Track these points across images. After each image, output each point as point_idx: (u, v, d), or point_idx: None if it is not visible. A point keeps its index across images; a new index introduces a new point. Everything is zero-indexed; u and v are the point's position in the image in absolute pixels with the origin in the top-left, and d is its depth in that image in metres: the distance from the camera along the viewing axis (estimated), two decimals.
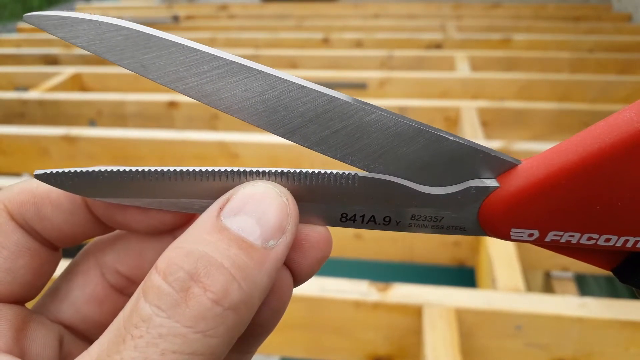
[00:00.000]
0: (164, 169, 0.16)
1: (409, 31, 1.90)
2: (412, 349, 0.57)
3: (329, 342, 0.58)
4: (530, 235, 0.15)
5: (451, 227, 0.16)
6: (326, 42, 1.73)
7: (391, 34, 1.81)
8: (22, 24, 2.07)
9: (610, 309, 0.52)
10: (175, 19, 2.13)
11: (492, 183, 0.16)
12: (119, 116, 1.19)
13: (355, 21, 2.08)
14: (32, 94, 1.23)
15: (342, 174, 0.16)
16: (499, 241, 0.57)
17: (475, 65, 1.43)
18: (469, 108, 1.07)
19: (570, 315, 0.51)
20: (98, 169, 0.16)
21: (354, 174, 0.16)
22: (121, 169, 0.16)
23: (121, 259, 0.18)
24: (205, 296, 0.13)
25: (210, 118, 1.17)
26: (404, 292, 0.55)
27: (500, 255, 0.63)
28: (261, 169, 0.16)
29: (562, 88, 1.24)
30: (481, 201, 0.16)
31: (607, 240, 0.15)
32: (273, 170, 0.16)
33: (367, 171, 0.16)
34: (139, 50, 0.15)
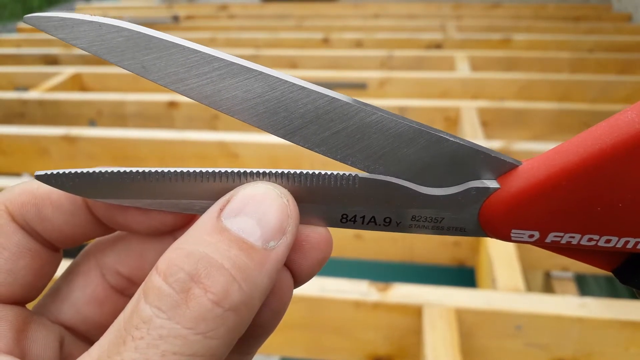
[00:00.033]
0: (165, 170, 0.16)
1: (409, 31, 1.90)
2: (412, 349, 0.57)
3: (329, 342, 0.58)
4: (531, 237, 0.15)
5: (452, 228, 0.16)
6: (326, 42, 1.73)
7: (391, 34, 1.81)
8: (22, 24, 2.07)
9: (610, 309, 0.52)
10: (175, 19, 2.13)
11: (492, 184, 0.16)
12: (119, 116, 1.19)
13: (355, 21, 2.08)
14: (32, 94, 1.23)
15: (343, 174, 0.16)
16: (499, 241, 0.57)
17: (475, 65, 1.43)
18: (469, 108, 1.07)
19: (570, 315, 0.51)
20: (99, 169, 0.16)
21: (355, 175, 0.16)
22: (122, 169, 0.16)
23: (122, 259, 0.18)
24: (205, 297, 0.13)
25: (211, 118, 1.17)
26: (404, 292, 0.55)
27: (500, 255, 0.63)
28: (262, 170, 0.16)
29: (562, 88, 1.24)
30: (482, 202, 0.16)
31: (608, 241, 0.15)
32: (273, 171, 0.16)
33: (368, 172, 0.16)
34: (139, 52, 0.15)
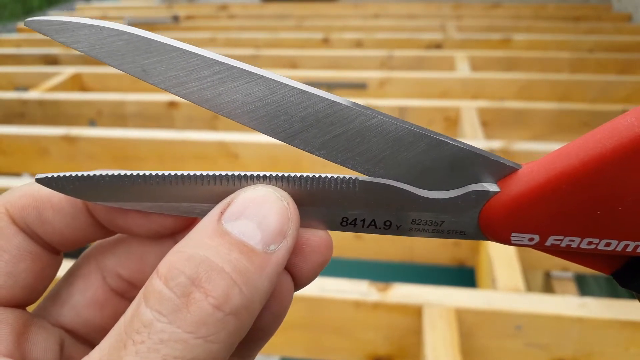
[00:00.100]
0: (165, 173, 0.16)
1: (409, 31, 1.90)
2: (412, 349, 0.57)
3: (329, 342, 0.58)
4: (531, 240, 0.15)
5: (452, 232, 0.16)
6: (326, 42, 1.73)
7: (391, 34, 1.81)
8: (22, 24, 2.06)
9: (610, 309, 0.52)
10: (175, 19, 2.13)
11: (492, 187, 0.16)
12: (119, 116, 1.19)
13: (355, 21, 2.08)
14: (32, 94, 1.23)
15: (343, 178, 0.16)
16: None
17: (475, 65, 1.43)
18: (469, 108, 1.07)
19: (570, 315, 0.51)
20: (99, 173, 0.16)
21: (355, 178, 0.16)
22: (122, 173, 0.16)
23: (122, 262, 0.18)
24: (206, 301, 0.13)
25: (211, 118, 1.17)
26: (404, 292, 0.55)
27: (500, 255, 0.63)
28: (262, 173, 0.16)
29: (562, 88, 1.24)
30: (482, 206, 0.16)
31: (608, 244, 0.15)
32: (274, 174, 0.16)
33: (368, 175, 0.16)
34: (140, 55, 0.15)
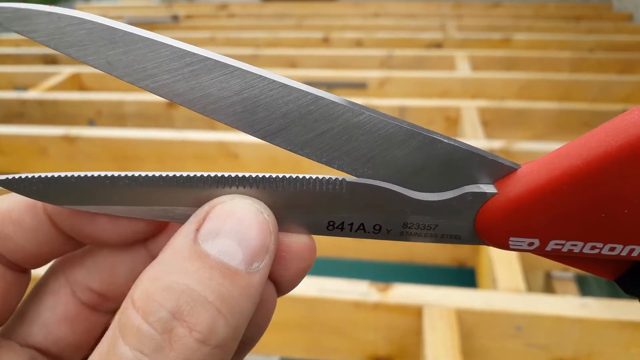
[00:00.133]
0: (135, 174, 0.15)
1: (409, 30, 1.90)
2: (412, 349, 0.57)
3: (328, 343, 0.58)
4: (530, 245, 0.15)
5: (446, 236, 0.16)
6: (326, 41, 1.73)
7: (391, 33, 1.81)
8: None
9: (611, 309, 0.52)
10: (175, 18, 2.13)
11: (489, 189, 0.15)
12: (118, 116, 1.18)
13: (355, 20, 2.08)
14: (31, 94, 1.23)
15: (329, 179, 0.15)
16: None
17: (475, 65, 1.43)
18: (469, 108, 1.06)
19: (570, 316, 0.51)
20: (64, 174, 0.15)
21: (342, 179, 0.15)
22: (89, 174, 0.15)
23: (92, 275, 0.17)
24: (190, 337, 0.12)
25: (210, 118, 1.17)
26: (404, 293, 0.55)
27: (501, 255, 0.62)
28: (240, 174, 0.15)
29: (562, 88, 1.24)
30: (478, 208, 0.15)
31: (612, 249, 0.14)
32: (253, 175, 0.15)
33: (356, 176, 0.15)
34: (104, 46, 0.13)
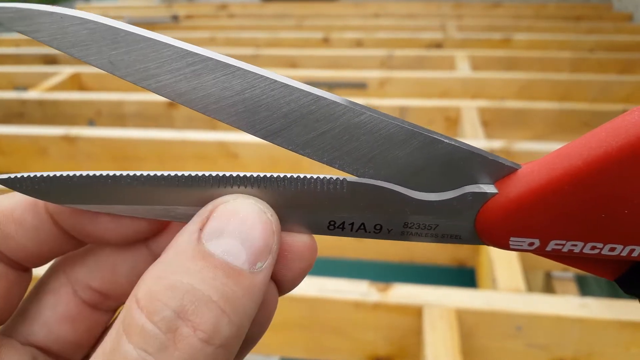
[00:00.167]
0: (137, 173, 0.15)
1: (409, 31, 1.90)
2: (412, 349, 0.57)
3: (328, 343, 0.58)
4: (531, 245, 0.15)
5: (446, 236, 0.16)
6: (326, 41, 1.73)
7: (391, 33, 1.81)
8: None
9: (611, 309, 0.52)
10: (175, 18, 2.13)
11: (490, 189, 0.15)
12: (118, 116, 1.18)
13: (355, 21, 2.08)
14: (31, 94, 1.23)
15: (330, 179, 0.15)
16: None
17: (475, 65, 1.43)
18: (470, 108, 1.06)
19: (570, 316, 0.51)
20: (66, 173, 0.15)
21: (343, 179, 0.15)
22: (91, 173, 0.15)
23: (93, 273, 0.17)
24: (195, 337, 0.12)
25: (210, 118, 1.17)
26: (404, 293, 0.55)
27: (501, 255, 0.62)
28: (242, 174, 0.15)
29: (562, 88, 1.24)
30: (478, 208, 0.15)
31: (612, 249, 0.14)
32: (255, 175, 0.15)
33: (357, 176, 0.15)
34: (106, 46, 0.13)
